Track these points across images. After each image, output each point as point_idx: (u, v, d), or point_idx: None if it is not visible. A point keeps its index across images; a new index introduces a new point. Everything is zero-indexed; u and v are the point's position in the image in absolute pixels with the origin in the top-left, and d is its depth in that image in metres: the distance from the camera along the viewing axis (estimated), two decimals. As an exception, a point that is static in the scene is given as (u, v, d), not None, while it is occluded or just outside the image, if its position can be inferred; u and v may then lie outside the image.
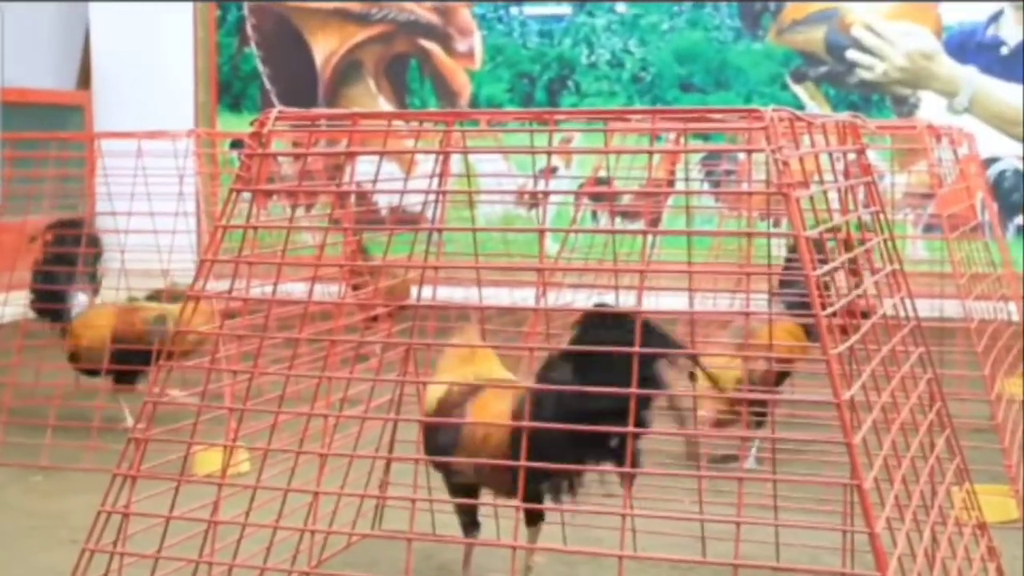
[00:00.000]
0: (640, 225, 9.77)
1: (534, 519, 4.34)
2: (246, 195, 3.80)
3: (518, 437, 3.81)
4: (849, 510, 4.23)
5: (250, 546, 4.23)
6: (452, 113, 4.12)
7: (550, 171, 10.77)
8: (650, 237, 7.84)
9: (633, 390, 3.38)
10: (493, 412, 4.29)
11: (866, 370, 3.44)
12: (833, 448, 4.45)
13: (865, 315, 3.86)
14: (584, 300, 6.66)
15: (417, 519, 4.97)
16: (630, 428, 3.45)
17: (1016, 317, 8.01)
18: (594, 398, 3.63)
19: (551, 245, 8.67)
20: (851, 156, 4.23)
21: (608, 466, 3.98)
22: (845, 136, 4.29)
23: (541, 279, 4.58)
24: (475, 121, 4.92)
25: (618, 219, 9.07)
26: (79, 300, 7.35)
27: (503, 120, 4.83)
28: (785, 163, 3.13)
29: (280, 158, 10.30)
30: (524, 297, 5.77)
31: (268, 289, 4.06)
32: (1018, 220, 11.21)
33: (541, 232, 4.61)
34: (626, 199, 8.97)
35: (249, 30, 12.70)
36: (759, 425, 6.14)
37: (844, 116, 4.18)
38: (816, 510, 4.83)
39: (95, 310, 7.34)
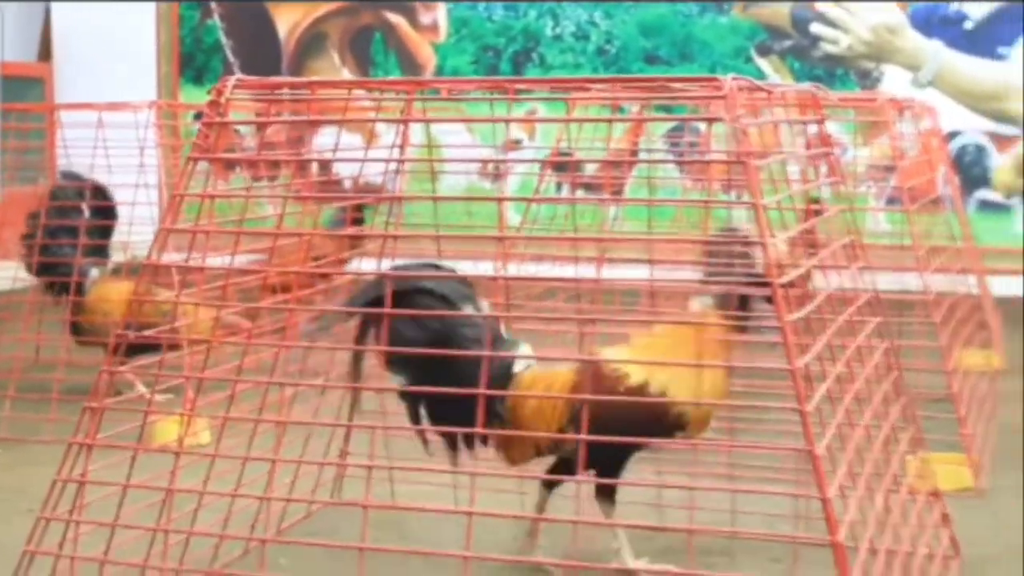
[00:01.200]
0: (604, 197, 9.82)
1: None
2: (205, 165, 3.81)
3: None
4: (804, 478, 4.27)
5: (208, 515, 4.25)
6: (412, 81, 4.12)
7: (513, 144, 10.83)
8: (612, 209, 7.89)
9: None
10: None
11: (821, 340, 3.46)
12: (791, 418, 4.48)
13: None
14: (546, 271, 6.65)
15: (377, 488, 5.03)
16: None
17: (976, 290, 8.07)
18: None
19: (514, 217, 8.70)
20: (812, 128, 4.26)
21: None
22: (806, 107, 4.33)
23: (501, 249, 4.61)
24: (435, 90, 4.90)
25: (581, 191, 9.08)
26: (91, 274, 7.26)
27: (464, 89, 4.80)
28: (744, 132, 3.14)
29: (243, 130, 10.29)
30: (485, 268, 5.80)
31: (229, 259, 4.06)
32: (979, 194, 11.27)
33: (499, 201, 4.59)
34: (590, 170, 8.99)
35: (212, 2, 12.64)
36: None
37: (805, 87, 4.21)
38: (774, 479, 4.87)
39: (109, 285, 7.26)
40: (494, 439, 4.33)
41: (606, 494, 4.38)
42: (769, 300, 4.15)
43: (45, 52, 12.78)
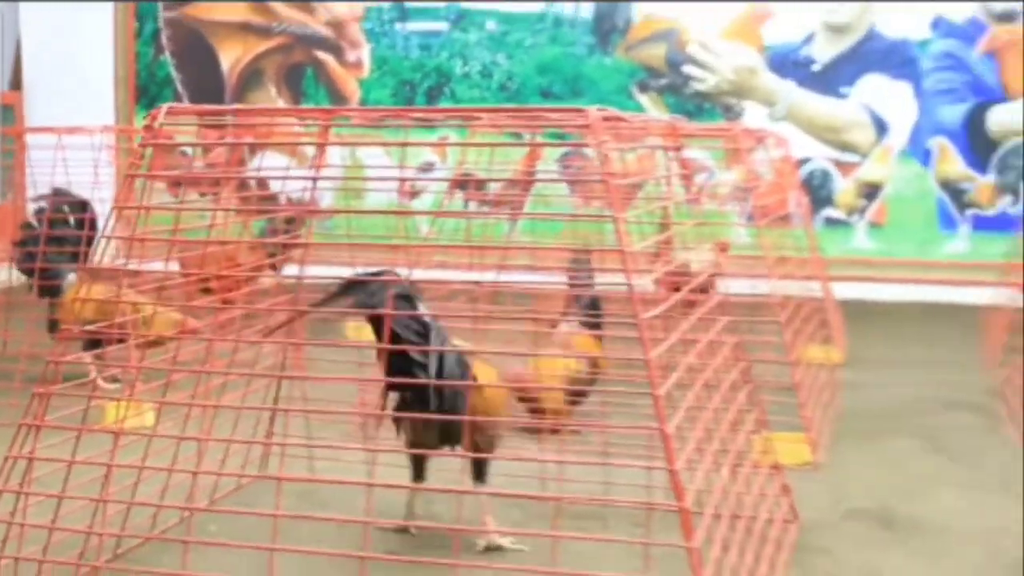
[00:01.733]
0: (516, 215, 9.84)
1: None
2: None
3: None
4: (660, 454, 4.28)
5: (147, 489, 4.21)
6: (325, 110, 4.10)
7: (425, 166, 10.83)
8: (511, 224, 7.92)
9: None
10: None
11: (674, 335, 3.49)
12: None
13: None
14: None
15: (298, 465, 5.02)
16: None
17: (820, 294, 8.17)
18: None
19: (426, 230, 8.71)
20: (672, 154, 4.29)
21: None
22: (670, 136, 4.37)
23: (408, 257, 4.62)
24: (347, 117, 4.90)
25: (482, 207, 9.08)
26: (68, 277, 7.17)
27: (369, 118, 4.78)
28: (606, 155, 3.17)
29: (191, 153, 10.19)
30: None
31: (171, 265, 4.04)
32: (825, 212, 11.39)
33: (397, 214, 4.58)
34: (492, 191, 9.01)
35: (164, 40, 12.55)
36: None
37: (666, 119, 4.24)
38: (646, 455, 4.89)
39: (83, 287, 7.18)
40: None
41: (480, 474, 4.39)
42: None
43: (16, 82, 12.60)
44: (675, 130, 4.22)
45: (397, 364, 3.98)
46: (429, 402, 4.03)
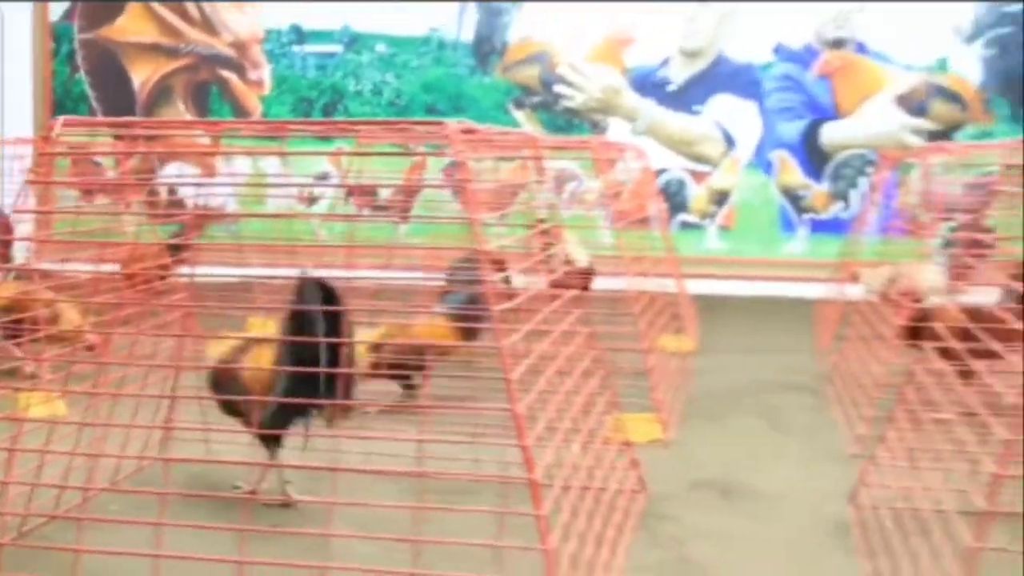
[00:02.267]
0: (394, 219, 9.80)
1: (274, 442, 4.45)
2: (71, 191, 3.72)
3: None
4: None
5: (52, 471, 4.12)
6: (214, 122, 4.04)
7: (323, 176, 10.73)
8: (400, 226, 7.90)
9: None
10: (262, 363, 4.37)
11: (526, 326, 3.49)
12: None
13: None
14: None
15: (194, 448, 4.94)
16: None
17: (674, 289, 8.24)
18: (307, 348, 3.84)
19: (326, 235, 8.65)
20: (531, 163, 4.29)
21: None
22: (530, 147, 4.36)
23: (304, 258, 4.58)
24: (235, 131, 4.85)
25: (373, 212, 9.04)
26: None
27: (253, 130, 4.74)
28: (464, 163, 3.16)
29: (104, 164, 9.99)
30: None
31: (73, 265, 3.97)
32: (680, 217, 11.48)
33: (291, 216, 4.53)
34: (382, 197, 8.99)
35: (79, 60, 12.30)
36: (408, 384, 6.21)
37: (525, 132, 4.25)
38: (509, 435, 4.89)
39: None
40: None
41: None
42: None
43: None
44: (534, 142, 4.21)
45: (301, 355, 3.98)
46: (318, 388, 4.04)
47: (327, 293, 4.03)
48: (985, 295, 5.93)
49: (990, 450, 3.04)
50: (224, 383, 4.48)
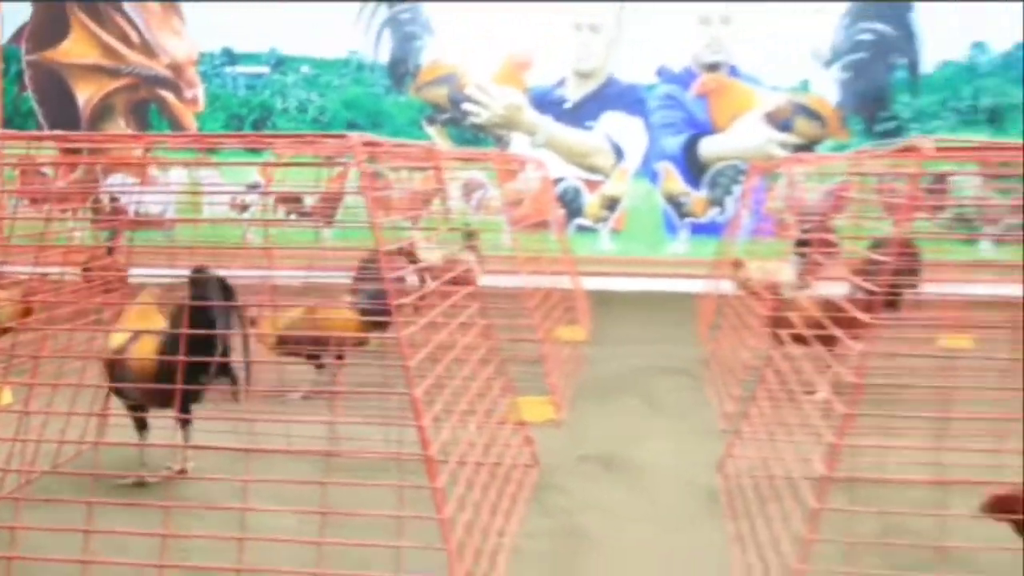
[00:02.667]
0: (320, 225, 9.73)
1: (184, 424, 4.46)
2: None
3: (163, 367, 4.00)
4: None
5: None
6: (141, 136, 3.99)
7: (253, 186, 10.61)
8: (323, 230, 7.83)
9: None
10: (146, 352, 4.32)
11: (424, 320, 3.50)
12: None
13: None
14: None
15: (129, 433, 4.85)
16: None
17: (570, 285, 8.29)
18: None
19: (255, 238, 8.56)
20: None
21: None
22: (429, 159, 4.36)
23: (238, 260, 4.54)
24: (164, 143, 4.79)
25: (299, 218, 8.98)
26: None
27: (175, 143, 4.67)
28: (366, 172, 3.15)
29: (51, 175, 9.80)
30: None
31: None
32: (577, 221, 11.55)
33: (223, 222, 4.48)
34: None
35: (27, 79, 12.06)
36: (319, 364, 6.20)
37: (425, 144, 4.25)
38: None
39: None
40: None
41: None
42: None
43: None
44: (433, 154, 4.22)
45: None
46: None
47: (224, 288, 4.02)
48: (835, 288, 6.04)
49: (831, 423, 3.11)
50: (116, 371, 4.42)
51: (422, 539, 3.13)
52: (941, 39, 11.00)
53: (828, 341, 3.86)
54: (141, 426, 4.50)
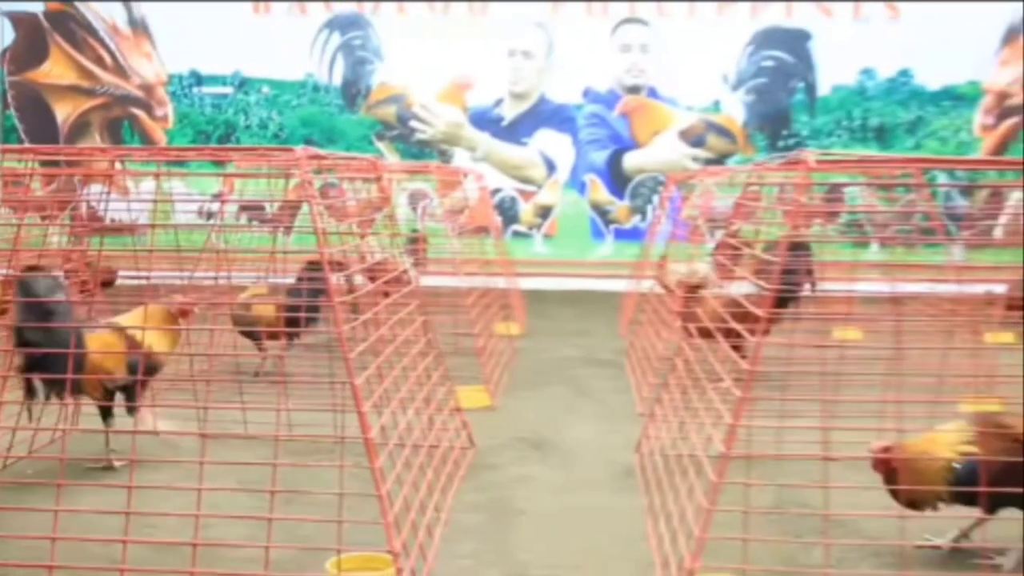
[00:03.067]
0: (280, 231, 9.64)
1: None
2: None
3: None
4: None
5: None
6: (109, 149, 3.93)
7: (218, 195, 10.49)
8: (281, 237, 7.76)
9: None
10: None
11: (363, 317, 3.48)
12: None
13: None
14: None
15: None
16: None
17: (507, 286, 8.30)
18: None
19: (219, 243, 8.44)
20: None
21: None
22: (373, 171, 4.34)
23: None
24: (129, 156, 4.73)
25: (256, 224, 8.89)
26: None
27: (141, 156, 4.62)
28: (310, 182, 3.13)
29: (34, 187, 9.61)
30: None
31: None
32: (513, 227, 11.56)
33: (189, 228, 4.42)
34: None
35: (10, 98, 11.85)
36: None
37: (368, 157, 4.22)
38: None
39: None
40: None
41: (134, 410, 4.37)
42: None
43: None
44: (376, 166, 4.19)
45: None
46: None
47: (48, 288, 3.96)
48: (741, 288, 6.10)
49: (729, 407, 3.13)
50: None
51: (363, 515, 3.11)
52: (834, 66, 11.17)
53: (731, 335, 3.89)
54: (106, 414, 4.43)
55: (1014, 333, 6.90)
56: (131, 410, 4.35)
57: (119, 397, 4.42)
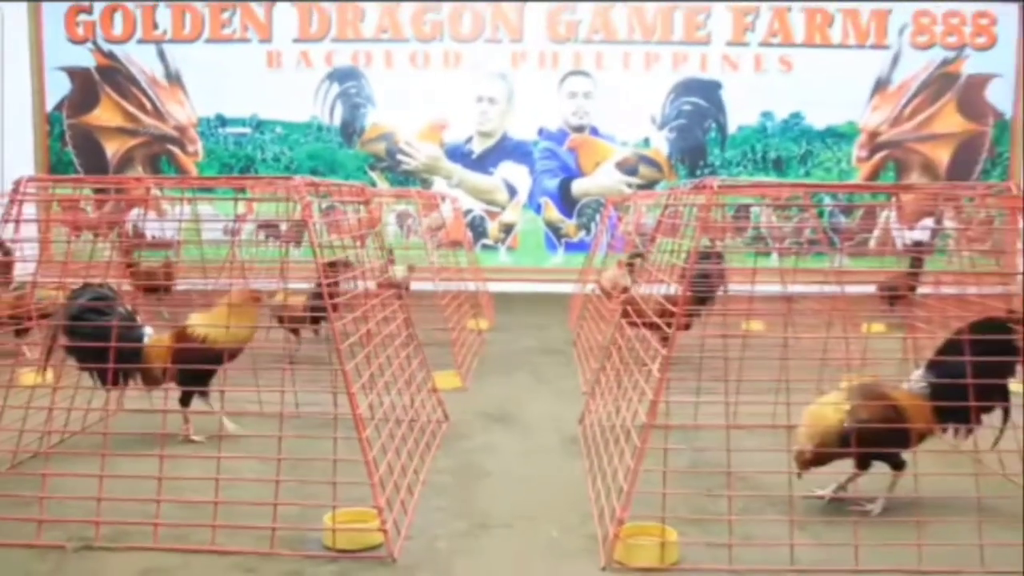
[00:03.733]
0: (292, 245, 9.56)
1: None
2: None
3: None
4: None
5: (36, 420, 3.91)
6: (143, 178, 3.88)
7: (242, 216, 10.40)
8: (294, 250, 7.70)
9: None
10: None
11: (353, 314, 3.46)
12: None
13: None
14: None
15: (142, 402, 4.69)
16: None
17: (477, 289, 8.27)
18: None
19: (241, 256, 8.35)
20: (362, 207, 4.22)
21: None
22: (362, 196, 4.30)
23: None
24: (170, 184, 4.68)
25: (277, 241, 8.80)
26: None
27: (169, 184, 4.57)
28: (307, 205, 3.10)
29: (87, 210, 9.48)
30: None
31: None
32: (483, 241, 11.52)
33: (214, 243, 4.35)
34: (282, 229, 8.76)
35: (68, 137, 11.68)
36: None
37: (357, 184, 4.19)
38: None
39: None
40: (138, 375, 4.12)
41: (186, 401, 4.28)
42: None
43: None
44: (364, 191, 4.16)
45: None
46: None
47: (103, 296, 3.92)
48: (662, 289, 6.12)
49: (652, 386, 3.14)
50: None
51: (354, 477, 3.10)
52: (740, 109, 11.25)
53: (656, 327, 3.91)
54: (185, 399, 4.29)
55: (885, 324, 6.98)
56: (185, 400, 4.24)
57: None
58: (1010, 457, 3.68)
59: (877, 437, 3.32)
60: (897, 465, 3.46)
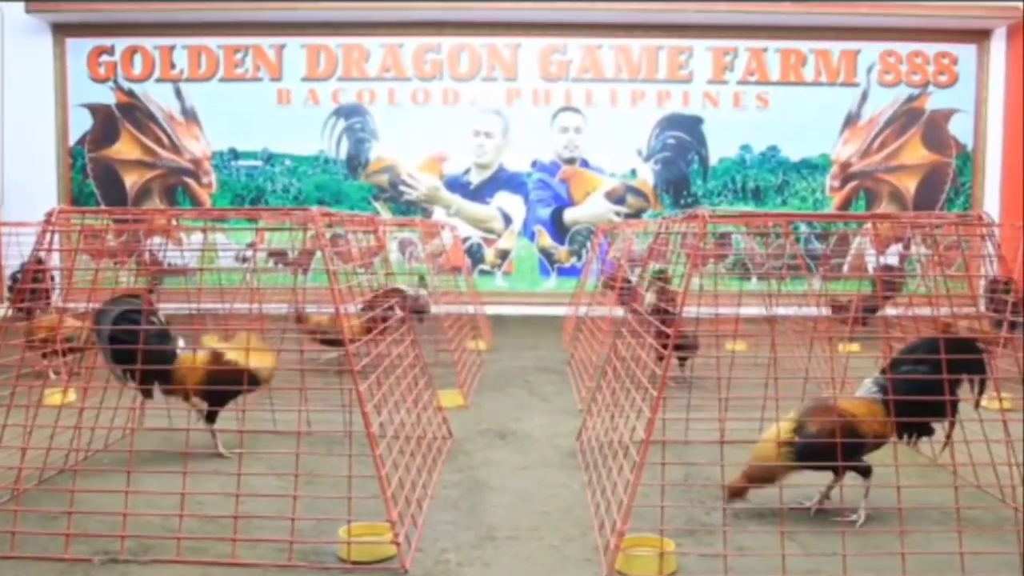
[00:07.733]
0: (300, 272, 9.54)
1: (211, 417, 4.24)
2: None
3: None
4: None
5: (64, 438, 3.86)
6: (164, 211, 3.88)
7: (251, 244, 10.37)
8: (301, 276, 7.66)
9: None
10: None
11: (366, 337, 3.44)
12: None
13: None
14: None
15: (162, 420, 4.67)
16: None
17: (476, 312, 8.26)
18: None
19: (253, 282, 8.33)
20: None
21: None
22: (371, 225, 4.30)
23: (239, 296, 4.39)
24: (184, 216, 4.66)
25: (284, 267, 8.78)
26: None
27: (190, 215, 4.55)
28: (321, 233, 3.09)
29: (108, 239, 9.45)
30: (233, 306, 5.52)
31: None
32: (480, 266, 11.51)
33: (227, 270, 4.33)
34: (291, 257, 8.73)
35: (89, 170, 11.66)
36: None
37: (368, 215, 4.19)
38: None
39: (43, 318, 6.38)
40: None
41: (212, 418, 4.24)
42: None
43: (-5, 196, 11.47)
44: (373, 221, 4.16)
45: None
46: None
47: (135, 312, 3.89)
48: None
49: (648, 403, 3.13)
50: None
51: (367, 492, 3.07)
52: (721, 143, 11.32)
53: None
54: (210, 417, 4.24)
55: (860, 344, 6.98)
56: (211, 417, 4.18)
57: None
58: (983, 470, 3.68)
59: (828, 448, 3.30)
60: (863, 472, 3.45)
